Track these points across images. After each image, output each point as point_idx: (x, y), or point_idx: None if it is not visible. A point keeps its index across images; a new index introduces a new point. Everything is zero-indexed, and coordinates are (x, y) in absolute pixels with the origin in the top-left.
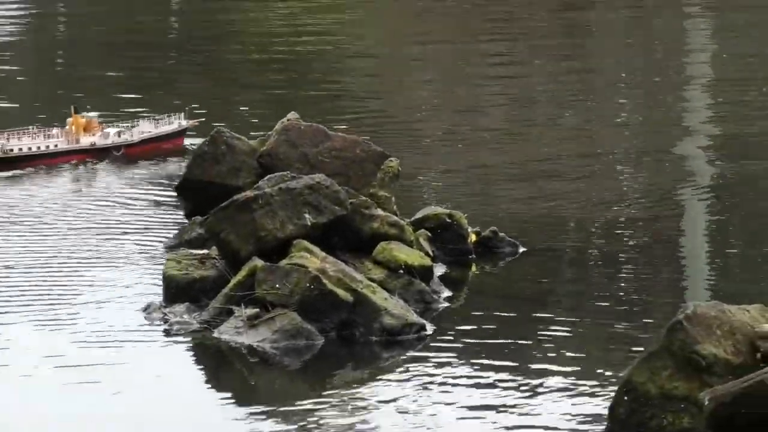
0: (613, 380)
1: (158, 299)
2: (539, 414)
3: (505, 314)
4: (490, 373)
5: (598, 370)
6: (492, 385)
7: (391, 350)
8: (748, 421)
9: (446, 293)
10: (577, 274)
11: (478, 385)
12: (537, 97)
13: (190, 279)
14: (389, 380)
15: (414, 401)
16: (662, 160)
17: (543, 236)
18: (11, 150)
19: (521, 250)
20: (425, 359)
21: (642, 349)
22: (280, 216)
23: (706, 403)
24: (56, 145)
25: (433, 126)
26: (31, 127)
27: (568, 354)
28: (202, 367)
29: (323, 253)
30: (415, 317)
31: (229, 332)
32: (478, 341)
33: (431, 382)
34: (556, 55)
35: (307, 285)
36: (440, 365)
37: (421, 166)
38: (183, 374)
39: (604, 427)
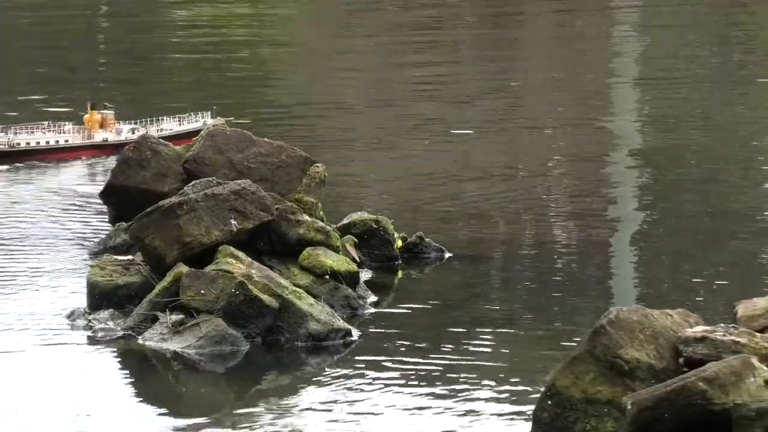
0: (539, 384)
1: (82, 306)
2: (464, 418)
3: (431, 319)
4: (416, 378)
5: (524, 375)
6: (418, 390)
7: (316, 356)
8: (671, 425)
9: (372, 298)
10: (503, 279)
11: (403, 390)
12: (464, 99)
13: (115, 285)
14: (315, 386)
15: (340, 407)
16: (590, 164)
17: (470, 241)
18: (18, 144)
19: (447, 255)
20: (351, 364)
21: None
22: (205, 222)
23: (629, 407)
24: (67, 141)
25: (361, 130)
26: (47, 122)
27: (494, 358)
28: (126, 373)
29: (249, 259)
30: (340, 323)
31: (154, 338)
32: (403, 346)
33: (357, 388)
34: (485, 57)
35: (233, 291)
36: (366, 370)
37: (348, 171)
38: (107, 381)
39: (528, 431)
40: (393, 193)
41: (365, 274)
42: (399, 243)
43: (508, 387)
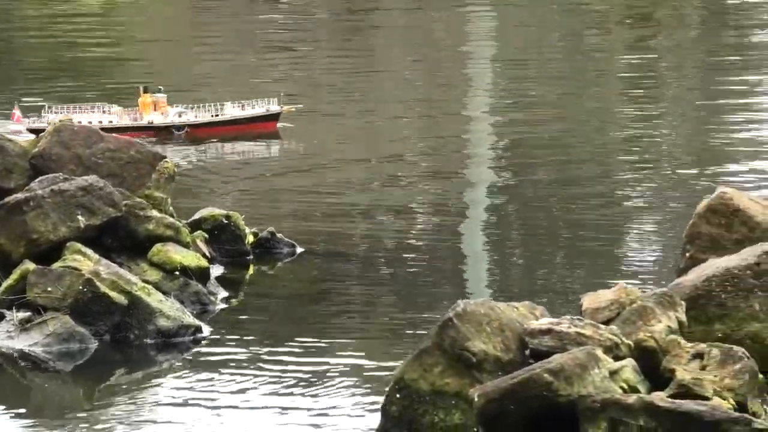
0: (389, 378)
1: None
2: (314, 413)
3: (282, 315)
4: (267, 374)
5: (375, 368)
6: (268, 385)
7: (166, 352)
8: (517, 417)
9: (223, 294)
10: (355, 274)
11: (254, 385)
12: (319, 93)
13: None
14: (165, 382)
15: (190, 402)
16: (447, 160)
17: (322, 237)
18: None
19: (299, 250)
20: (201, 361)
21: None
22: (52, 218)
23: (476, 399)
24: (111, 122)
25: None
26: (99, 104)
27: (345, 353)
28: None
29: (97, 256)
30: (191, 319)
31: (0, 337)
32: (254, 342)
33: (207, 384)
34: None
35: (80, 288)
36: (217, 366)
37: (198, 166)
38: None
39: (377, 424)
40: (245, 188)
41: (216, 270)
42: (250, 238)
43: (358, 381)
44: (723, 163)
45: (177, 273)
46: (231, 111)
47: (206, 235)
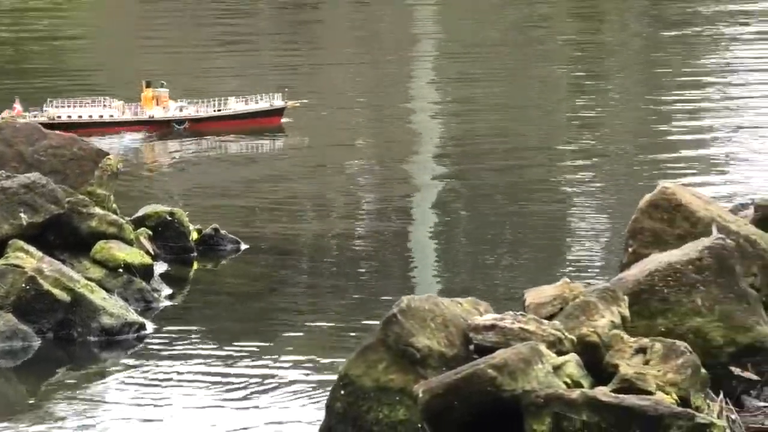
0: (334, 374)
1: None
2: (259, 410)
3: (226, 311)
4: (211, 370)
5: (321, 365)
6: (212, 383)
7: (110, 350)
8: (462, 412)
9: (167, 291)
10: (301, 270)
11: (198, 383)
12: (265, 90)
13: None
14: (108, 380)
15: (134, 400)
16: (392, 156)
17: (267, 234)
18: (59, 117)
19: (243, 246)
20: (145, 358)
21: None
22: None
23: (420, 395)
24: (111, 116)
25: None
26: (100, 98)
27: (290, 350)
28: None
29: (40, 253)
30: (134, 316)
31: None
32: (198, 339)
33: (151, 381)
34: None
35: (23, 286)
36: (160, 363)
37: (142, 162)
38: None
39: (322, 421)
40: (189, 184)
41: (160, 267)
42: (194, 235)
43: (303, 378)
44: (666, 159)
45: (120, 270)
46: (234, 106)
47: (150, 232)
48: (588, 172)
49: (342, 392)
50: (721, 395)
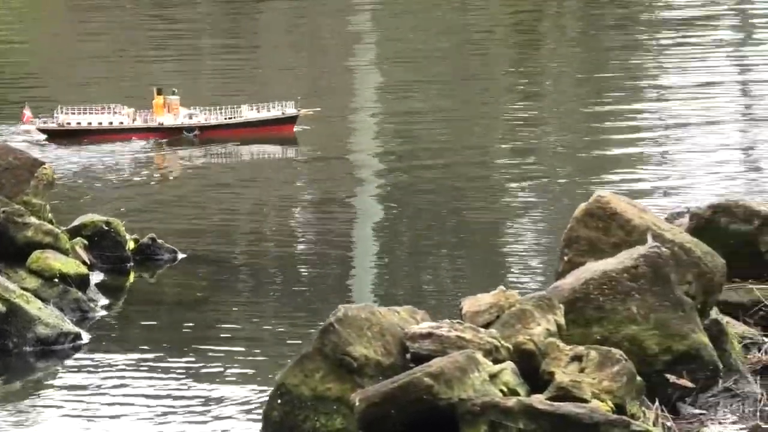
0: (271, 384)
1: None
2: (196, 420)
3: (163, 321)
4: (147, 381)
5: (259, 375)
6: (149, 392)
7: (46, 360)
8: (398, 421)
9: (104, 301)
10: (240, 281)
11: (135, 392)
12: (203, 94)
13: None
14: (44, 390)
15: (70, 410)
16: (331, 165)
17: (205, 243)
18: (68, 123)
19: (181, 256)
20: (81, 368)
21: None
22: None
23: (357, 403)
24: (121, 123)
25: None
26: (111, 105)
27: (227, 360)
28: None
29: None
30: (70, 326)
31: None
32: (135, 348)
33: (88, 391)
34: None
35: None
36: (97, 374)
37: (79, 171)
38: None
39: (258, 431)
40: (126, 194)
41: (96, 277)
42: (131, 245)
43: (240, 387)
44: (604, 167)
45: (56, 280)
46: (247, 113)
47: (86, 242)
48: (527, 182)
49: (279, 401)
50: (657, 403)
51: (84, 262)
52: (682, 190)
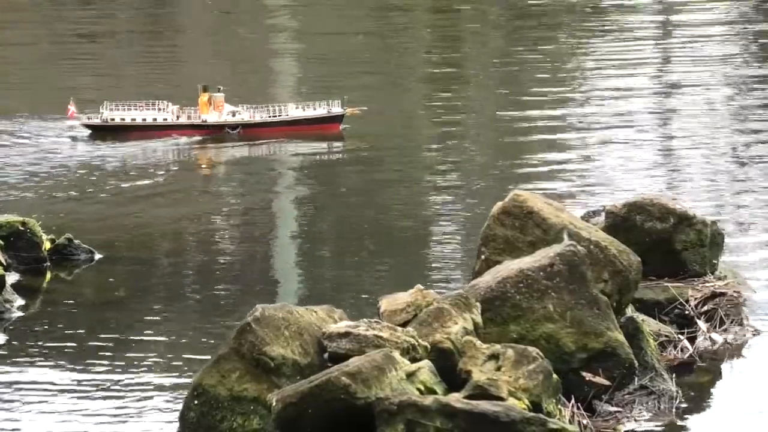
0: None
1: None
2: (114, 420)
3: (80, 321)
4: (64, 381)
5: (176, 375)
6: (66, 393)
7: None
8: (316, 420)
9: (20, 302)
10: (158, 281)
11: (52, 394)
12: (128, 96)
13: None
14: None
15: None
16: (252, 168)
17: (123, 244)
18: (112, 119)
19: (98, 256)
20: None
21: None
22: None
23: (274, 403)
24: (165, 119)
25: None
26: (155, 101)
27: (145, 360)
28: None
29: None
30: None
31: None
32: (51, 349)
33: (3, 393)
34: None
35: None
36: (13, 375)
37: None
38: None
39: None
40: (43, 193)
41: (11, 278)
42: (47, 245)
43: (158, 388)
44: (522, 167)
45: None
46: (292, 112)
47: (1, 242)
48: (445, 179)
49: (195, 402)
50: (573, 400)
51: None
52: (599, 189)
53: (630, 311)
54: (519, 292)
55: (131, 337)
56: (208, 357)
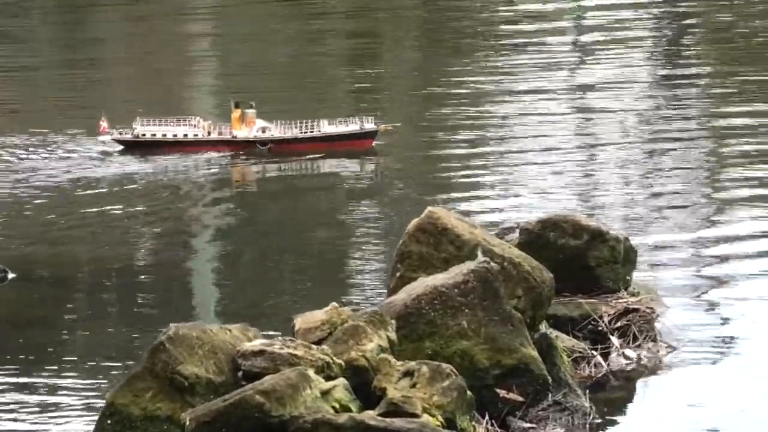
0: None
1: None
2: None
3: None
4: None
5: (90, 395)
6: None
7: None
8: None
9: None
10: (75, 301)
11: None
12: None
13: None
14: None
15: None
16: (175, 184)
17: (39, 262)
18: (143, 135)
19: (11, 275)
20: None
21: None
22: None
23: (187, 423)
24: (196, 135)
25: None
26: (191, 117)
27: (57, 380)
28: None
29: None
30: None
31: None
32: None
33: None
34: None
35: None
36: None
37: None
38: None
39: None
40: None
41: None
42: None
43: (71, 407)
44: (438, 184)
45: None
46: (325, 128)
47: None
48: (363, 197)
49: (108, 421)
50: (487, 417)
51: None
52: (514, 206)
53: (544, 327)
54: (434, 309)
55: (43, 358)
56: (121, 375)
